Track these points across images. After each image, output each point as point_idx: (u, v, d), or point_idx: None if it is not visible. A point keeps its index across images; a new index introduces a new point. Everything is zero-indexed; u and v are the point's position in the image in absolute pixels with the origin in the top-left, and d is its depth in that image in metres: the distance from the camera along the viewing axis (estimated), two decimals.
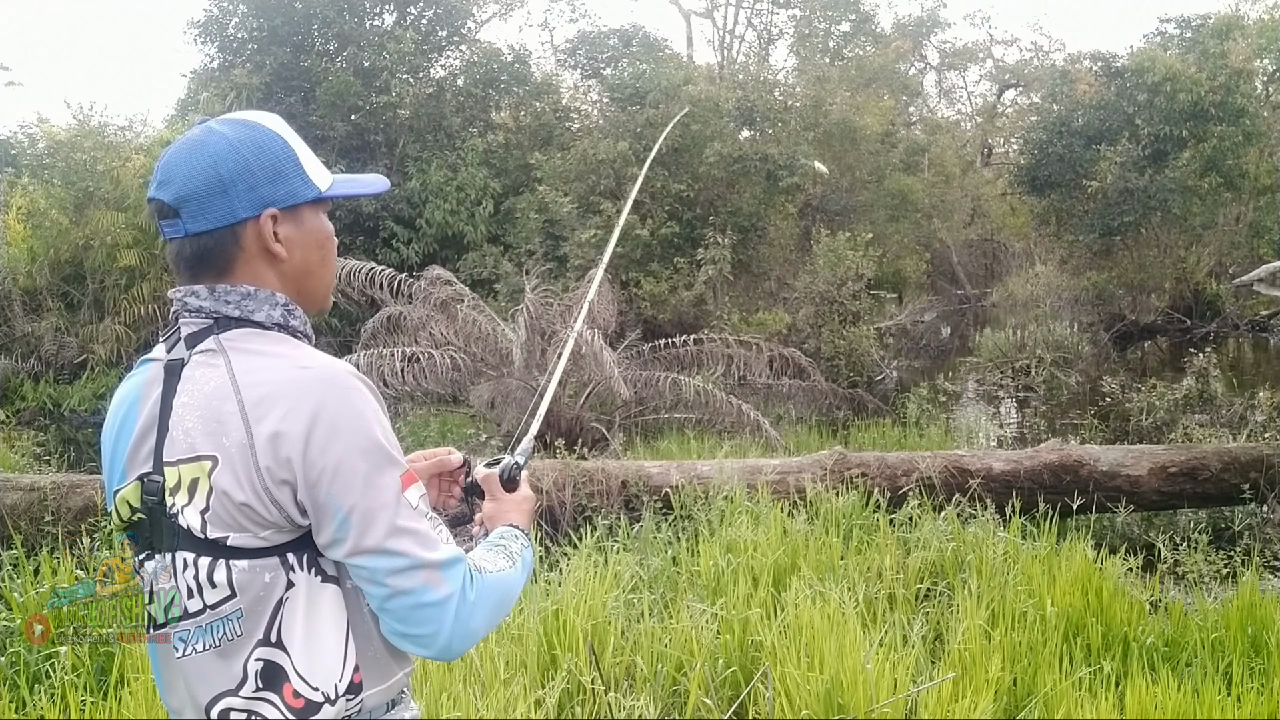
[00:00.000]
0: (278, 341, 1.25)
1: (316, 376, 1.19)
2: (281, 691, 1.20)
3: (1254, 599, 4.14)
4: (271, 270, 1.28)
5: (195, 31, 14.80)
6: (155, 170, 1.28)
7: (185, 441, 1.20)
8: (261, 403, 1.17)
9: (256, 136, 1.28)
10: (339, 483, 1.16)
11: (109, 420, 1.32)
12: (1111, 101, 16.36)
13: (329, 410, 1.17)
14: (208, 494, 1.18)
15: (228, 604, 1.19)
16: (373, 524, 1.17)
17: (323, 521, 1.18)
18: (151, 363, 1.29)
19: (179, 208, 1.24)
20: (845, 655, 3.33)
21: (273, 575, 1.19)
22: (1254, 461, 6.21)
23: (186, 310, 1.27)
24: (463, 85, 15.89)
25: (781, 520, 4.95)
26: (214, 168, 1.23)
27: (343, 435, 1.17)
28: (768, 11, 24.22)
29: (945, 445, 8.52)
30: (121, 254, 13.55)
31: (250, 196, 1.25)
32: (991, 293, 20.96)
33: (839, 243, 12.67)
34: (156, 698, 3.18)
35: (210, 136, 1.26)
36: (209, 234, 1.24)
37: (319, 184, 1.33)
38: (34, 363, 13.28)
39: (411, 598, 1.19)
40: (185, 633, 1.22)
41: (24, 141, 16.00)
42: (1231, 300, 16.93)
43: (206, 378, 1.21)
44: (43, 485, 5.60)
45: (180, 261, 1.27)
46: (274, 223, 1.27)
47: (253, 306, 1.26)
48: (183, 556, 1.20)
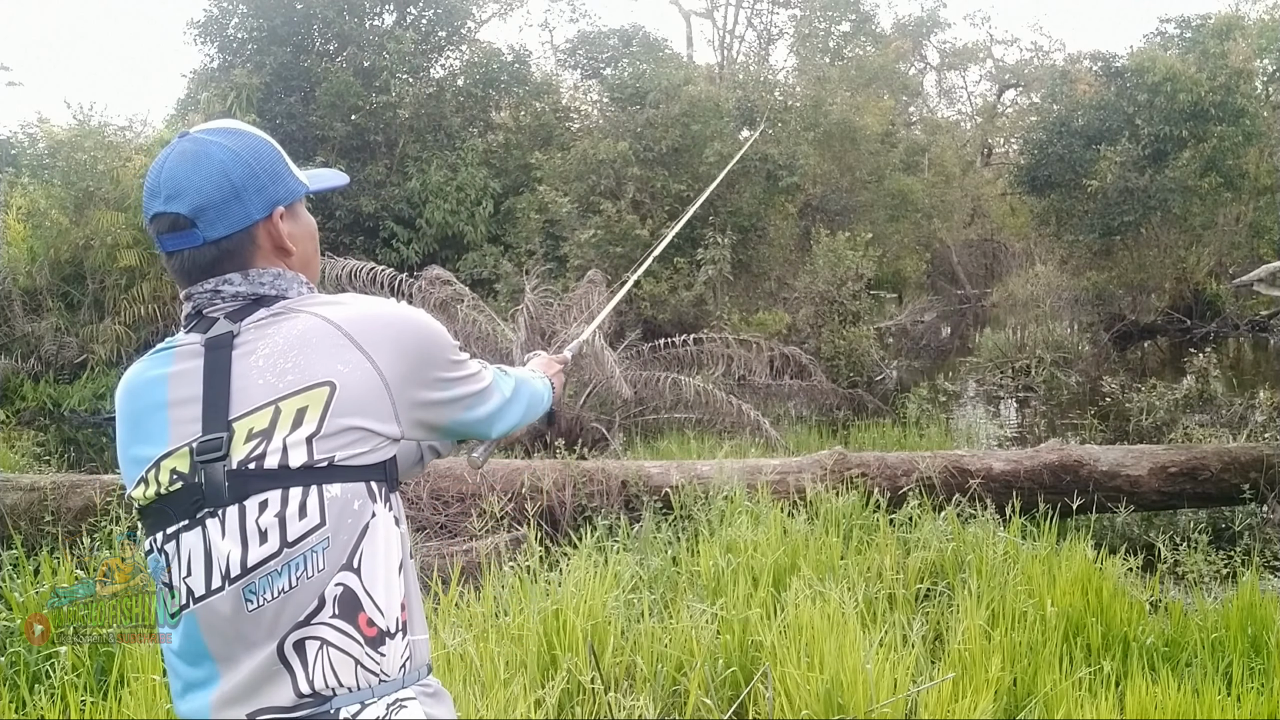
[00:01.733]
0: (336, 295, 1.36)
1: (401, 308, 1.37)
2: (357, 620, 1.25)
3: (1254, 599, 4.14)
4: (282, 264, 1.37)
5: (195, 31, 14.80)
6: (153, 186, 1.31)
7: (284, 380, 1.25)
8: (369, 334, 1.30)
9: (251, 142, 1.35)
10: (441, 376, 1.40)
11: (128, 402, 1.34)
12: (1111, 101, 16.36)
13: (423, 332, 1.37)
14: (320, 418, 1.24)
15: (314, 535, 1.23)
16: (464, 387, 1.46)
17: (435, 408, 1.39)
18: (176, 347, 1.33)
19: (196, 218, 1.29)
20: (845, 655, 3.33)
21: (360, 504, 1.26)
22: (1254, 461, 6.21)
23: (220, 298, 1.32)
24: (463, 85, 15.88)
25: (781, 520, 4.95)
26: (224, 175, 1.30)
27: (436, 348, 1.39)
28: (768, 11, 24.26)
29: (945, 445, 8.52)
30: (121, 254, 13.56)
31: (260, 198, 1.33)
32: (991, 293, 20.96)
33: (839, 243, 12.67)
34: (157, 698, 3.18)
35: (208, 147, 1.31)
36: (228, 238, 1.31)
37: (304, 181, 1.43)
38: (34, 363, 13.28)
39: (485, 412, 1.53)
40: (254, 585, 1.22)
41: (24, 141, 16.01)
42: (1231, 300, 16.94)
43: (290, 325, 1.29)
44: (43, 485, 5.59)
45: (195, 269, 1.32)
46: (281, 220, 1.36)
47: (285, 285, 1.35)
48: (259, 500, 1.23)
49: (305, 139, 14.11)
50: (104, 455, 10.56)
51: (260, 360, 1.27)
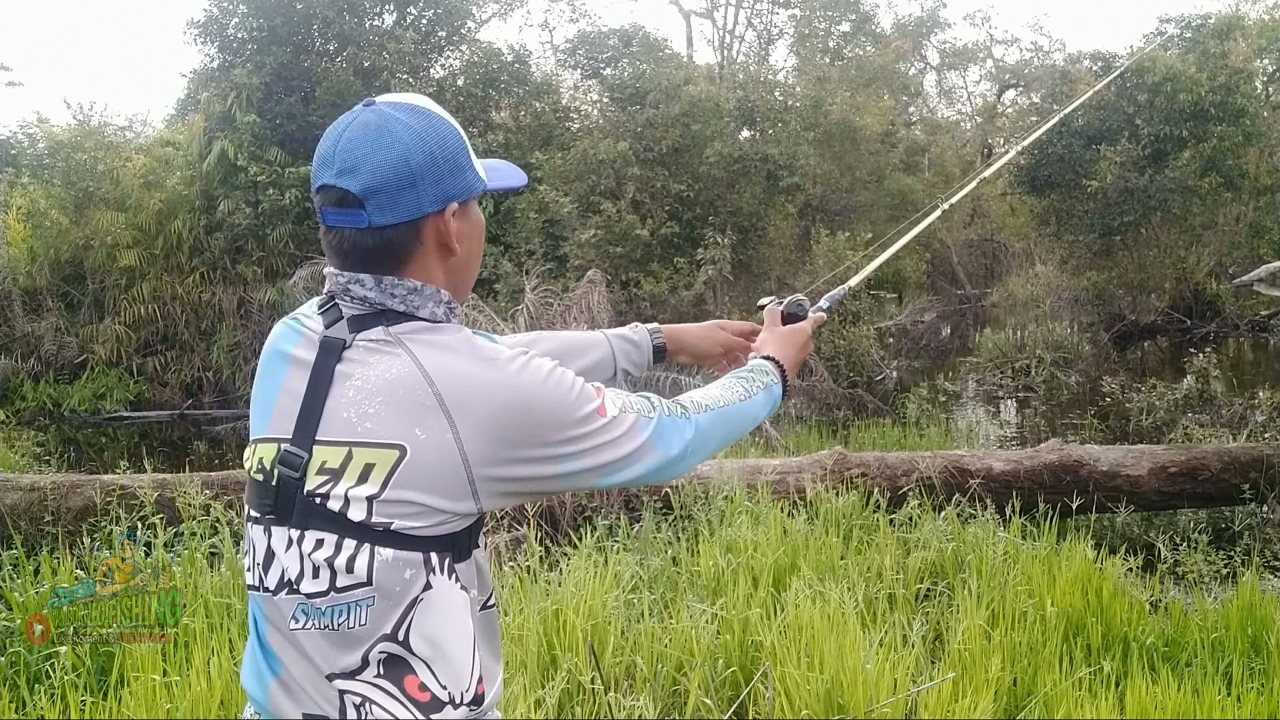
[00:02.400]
0: (453, 334, 1.24)
1: (510, 369, 1.21)
2: (404, 683, 1.19)
3: (1254, 599, 4.14)
4: (441, 265, 1.27)
5: (195, 31, 14.78)
6: (327, 155, 1.22)
7: (363, 425, 1.17)
8: (462, 398, 1.17)
9: (438, 127, 1.24)
10: (560, 446, 1.22)
11: (263, 361, 1.31)
12: (1111, 101, 16.35)
13: (533, 398, 1.20)
14: (384, 482, 1.16)
15: (359, 590, 1.17)
16: (597, 456, 1.25)
17: (549, 480, 1.24)
18: (303, 331, 1.27)
19: (366, 199, 1.19)
20: (845, 655, 3.33)
21: (413, 573, 1.18)
22: (1254, 461, 6.21)
23: (349, 297, 1.25)
24: (463, 85, 15.88)
25: (781, 520, 4.95)
26: (404, 159, 1.20)
27: (549, 416, 1.21)
28: (768, 11, 24.23)
29: (945, 445, 8.52)
30: (121, 254, 13.56)
31: (435, 190, 1.22)
32: (991, 293, 20.95)
33: (839, 243, 12.67)
34: (157, 698, 3.18)
35: (394, 124, 1.21)
36: (393, 228, 1.21)
37: (483, 176, 1.31)
38: (34, 363, 13.28)
39: (635, 475, 1.30)
40: (306, 607, 1.19)
41: (24, 141, 15.99)
42: (1231, 300, 16.93)
43: (386, 365, 1.19)
44: (43, 485, 5.59)
45: (354, 251, 1.23)
46: (453, 217, 1.26)
47: (418, 303, 1.24)
48: (316, 536, 1.18)
49: (305, 139, 14.10)
50: (104, 455, 10.57)
51: (351, 392, 1.19)
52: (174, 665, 3.39)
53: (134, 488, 5.34)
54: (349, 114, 1.24)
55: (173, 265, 13.88)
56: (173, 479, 5.55)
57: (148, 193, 13.85)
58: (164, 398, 13.40)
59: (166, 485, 5.41)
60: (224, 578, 4.13)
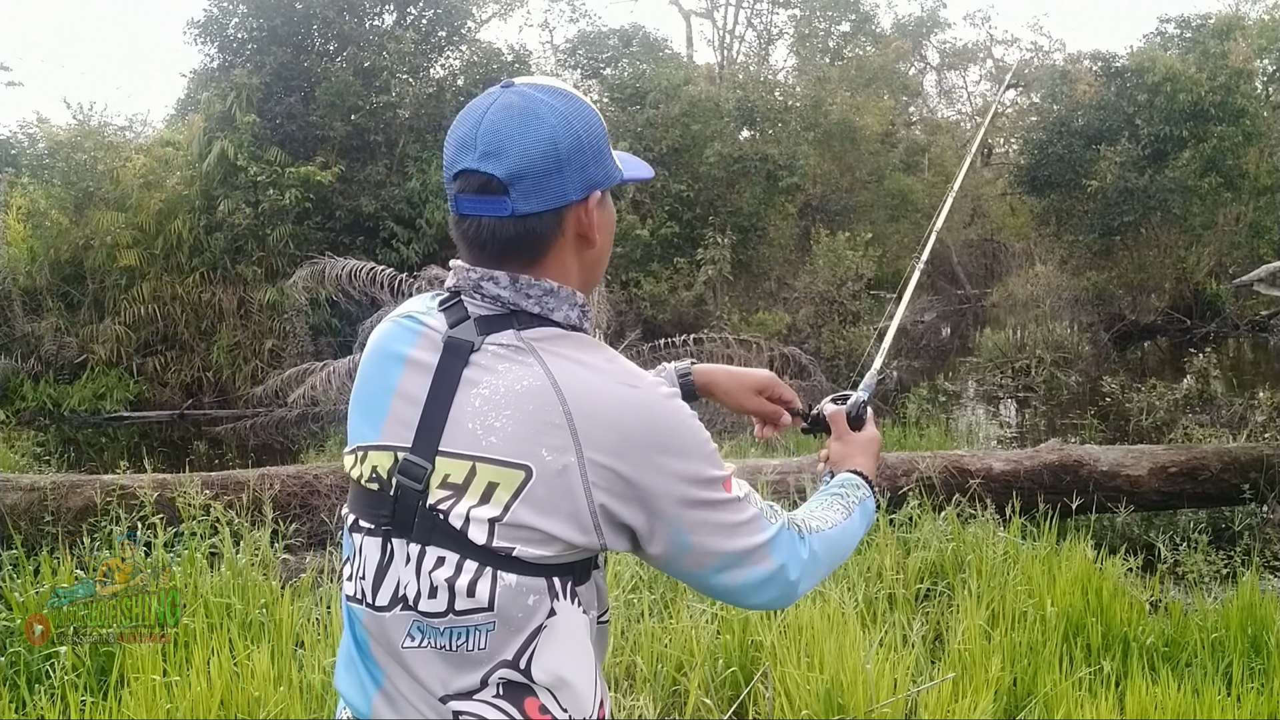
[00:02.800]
0: (589, 347, 1.17)
1: (649, 397, 1.14)
2: (524, 704, 1.13)
3: (1254, 599, 4.14)
4: (577, 257, 1.21)
5: (195, 31, 14.78)
6: (467, 138, 1.15)
7: (488, 440, 1.10)
8: (592, 421, 1.10)
9: (583, 110, 1.17)
10: (678, 507, 1.13)
11: (368, 364, 1.24)
12: (1111, 101, 16.35)
13: (664, 433, 1.13)
14: (506, 504, 1.09)
15: (479, 615, 1.11)
16: (710, 537, 1.15)
17: (658, 539, 1.14)
18: (423, 329, 1.19)
19: (511, 185, 1.12)
20: (845, 655, 3.33)
21: (536, 599, 1.12)
22: (1254, 461, 6.22)
23: (480, 295, 1.17)
24: (463, 85, 15.86)
25: None
26: (552, 143, 1.13)
27: (679, 458, 1.13)
28: (768, 11, 24.22)
29: (945, 445, 8.52)
30: (121, 254, 13.55)
31: (580, 177, 1.15)
32: (991, 293, 20.95)
33: (839, 243, 12.68)
34: (157, 698, 3.18)
35: (538, 105, 1.14)
36: (536, 216, 1.14)
37: (619, 165, 1.25)
38: (34, 363, 13.27)
39: (741, 582, 1.19)
40: (422, 625, 1.13)
41: (24, 141, 15.99)
42: (1231, 300, 16.93)
43: (517, 376, 1.12)
44: (43, 485, 5.59)
45: (492, 242, 1.16)
46: (595, 207, 1.19)
47: (553, 305, 1.17)
48: (438, 554, 1.12)
49: (305, 139, 14.10)
50: (104, 455, 10.57)
51: (478, 401, 1.12)
52: (174, 665, 3.39)
53: (134, 488, 5.33)
54: (487, 95, 1.17)
55: (173, 265, 13.87)
56: (173, 479, 5.55)
57: (148, 193, 13.84)
58: (164, 398, 13.39)
59: (166, 485, 5.41)
60: (224, 578, 4.13)
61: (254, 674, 3.26)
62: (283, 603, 3.90)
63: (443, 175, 1.21)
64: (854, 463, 1.48)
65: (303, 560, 5.02)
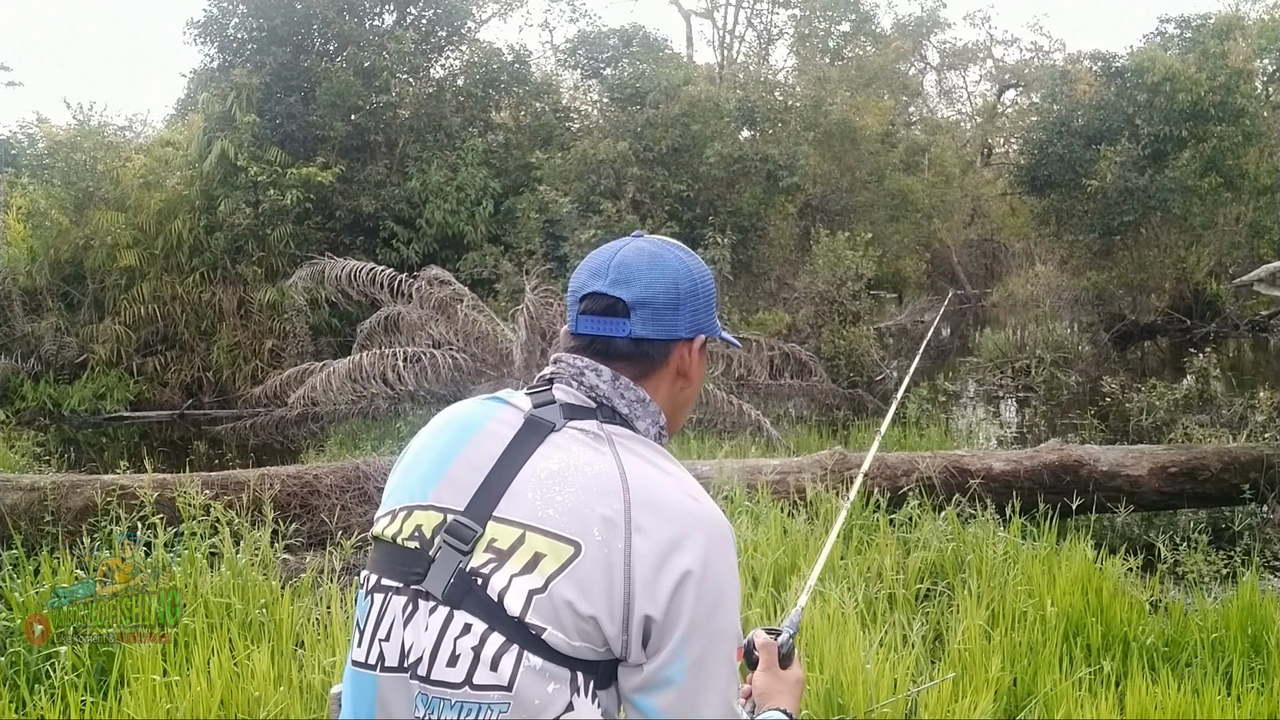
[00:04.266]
0: (661, 455, 1.22)
1: (710, 518, 1.17)
2: None
3: (1254, 599, 4.14)
4: (671, 392, 1.30)
5: (195, 31, 14.78)
6: (599, 267, 1.26)
7: (546, 512, 1.13)
8: (648, 513, 1.12)
9: (701, 267, 1.32)
10: (695, 639, 1.11)
11: (435, 429, 1.27)
12: (1111, 101, 16.36)
13: (714, 563, 1.14)
14: (549, 578, 1.09)
15: (495, 693, 1.09)
16: (706, 694, 1.13)
17: (658, 667, 1.11)
18: (506, 406, 1.24)
19: (634, 309, 1.24)
20: (845, 655, 3.33)
21: (557, 689, 1.09)
22: (1254, 461, 6.22)
23: (578, 382, 1.25)
24: (463, 85, 15.87)
25: (781, 520, 4.96)
26: (675, 284, 1.26)
27: (716, 592, 1.13)
28: (768, 11, 24.22)
29: (945, 445, 8.52)
30: (121, 254, 13.55)
31: (692, 319, 1.28)
32: (991, 293, 20.96)
33: (839, 243, 12.68)
34: (157, 698, 3.18)
35: (666, 253, 1.28)
36: (649, 342, 1.25)
37: (718, 323, 1.37)
38: (34, 363, 13.27)
39: None
40: (428, 698, 1.11)
41: (24, 141, 16.00)
42: (1231, 300, 16.94)
43: (589, 460, 1.16)
44: (43, 485, 5.59)
45: (605, 353, 1.25)
46: (699, 350, 1.30)
47: (640, 412, 1.25)
48: (466, 620, 1.10)
49: (305, 139, 14.10)
50: (104, 455, 10.57)
51: (544, 474, 1.15)
52: (174, 665, 3.39)
53: (134, 488, 5.33)
54: (621, 240, 1.31)
55: (173, 265, 13.87)
56: (173, 479, 5.55)
57: (147, 193, 13.84)
58: (164, 398, 13.40)
59: (166, 485, 5.41)
60: (224, 578, 4.13)
61: (254, 674, 3.26)
62: (283, 603, 3.90)
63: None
64: (780, 701, 1.46)
65: (303, 560, 5.02)
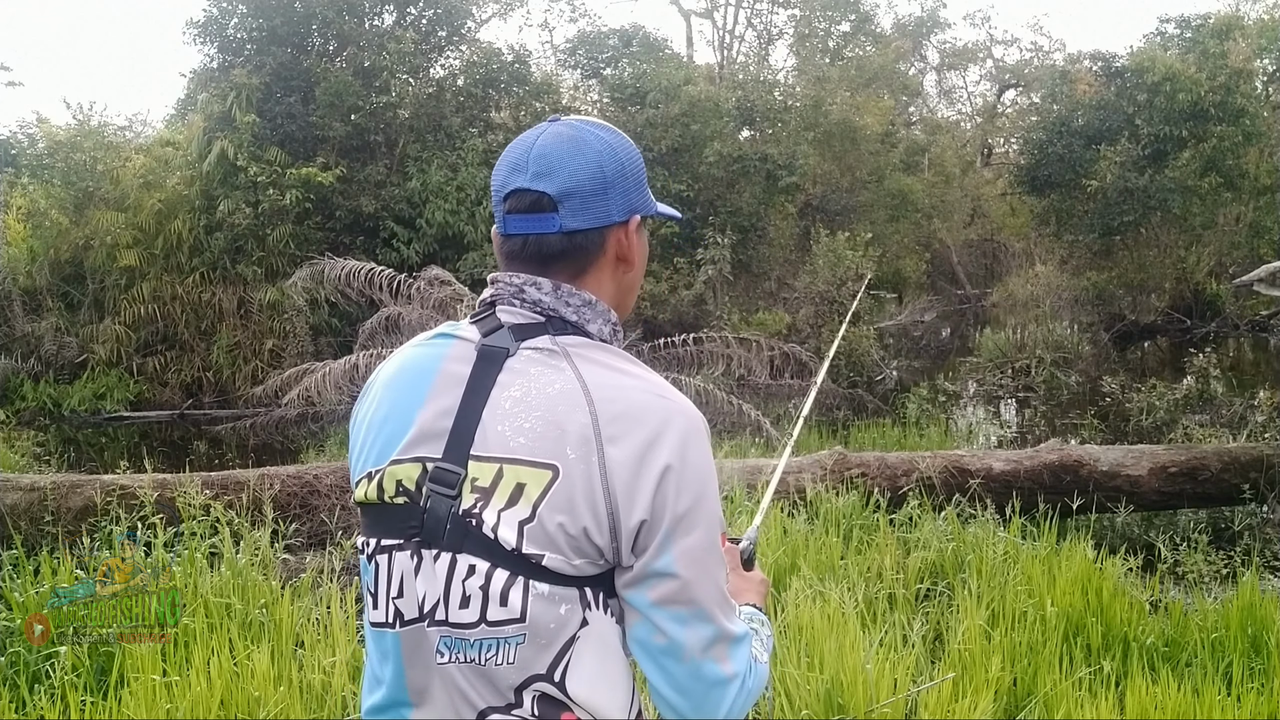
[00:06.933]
0: (620, 357, 1.20)
1: (679, 411, 1.14)
2: (560, 719, 1.13)
3: (1254, 599, 4.14)
4: (614, 279, 1.26)
5: (195, 31, 14.78)
6: (518, 161, 1.21)
7: (516, 441, 1.12)
8: (616, 421, 1.11)
9: (625, 143, 1.27)
10: (680, 530, 1.11)
11: (386, 383, 1.24)
12: (1111, 101, 16.36)
13: (690, 454, 1.13)
14: (534, 504, 1.10)
15: (510, 626, 1.11)
16: (699, 582, 1.13)
17: (646, 562, 1.11)
18: (455, 340, 1.22)
19: (560, 202, 1.19)
20: (845, 655, 3.33)
21: (569, 609, 1.12)
22: (1254, 461, 6.21)
23: (520, 300, 1.21)
24: (463, 85, 15.87)
25: (781, 520, 4.95)
26: (599, 167, 1.21)
27: (696, 484, 1.13)
28: (768, 11, 24.21)
29: (945, 445, 8.52)
30: (121, 254, 13.55)
31: (623, 201, 1.24)
32: (991, 293, 20.96)
33: (839, 243, 12.68)
34: (157, 698, 3.18)
35: (585, 134, 1.23)
36: (582, 233, 1.21)
37: (653, 199, 1.33)
38: (34, 363, 13.27)
39: (700, 670, 1.15)
40: (450, 640, 1.12)
41: (24, 141, 15.98)
42: (1231, 300, 16.94)
43: (549, 379, 1.14)
44: (43, 485, 5.59)
45: (537, 256, 1.21)
46: (635, 231, 1.26)
47: (590, 316, 1.23)
48: (469, 562, 1.11)
49: (305, 139, 14.10)
50: (104, 455, 10.57)
51: (507, 404, 1.14)
52: (174, 665, 3.39)
53: (134, 488, 5.33)
54: (536, 127, 1.25)
55: (173, 265, 13.87)
56: (173, 479, 5.55)
57: (147, 193, 13.84)
58: (164, 398, 13.39)
59: (166, 485, 5.40)
60: (224, 578, 4.13)
61: (254, 674, 3.26)
62: (283, 603, 3.90)
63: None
64: (749, 598, 1.46)
65: (303, 560, 5.02)
